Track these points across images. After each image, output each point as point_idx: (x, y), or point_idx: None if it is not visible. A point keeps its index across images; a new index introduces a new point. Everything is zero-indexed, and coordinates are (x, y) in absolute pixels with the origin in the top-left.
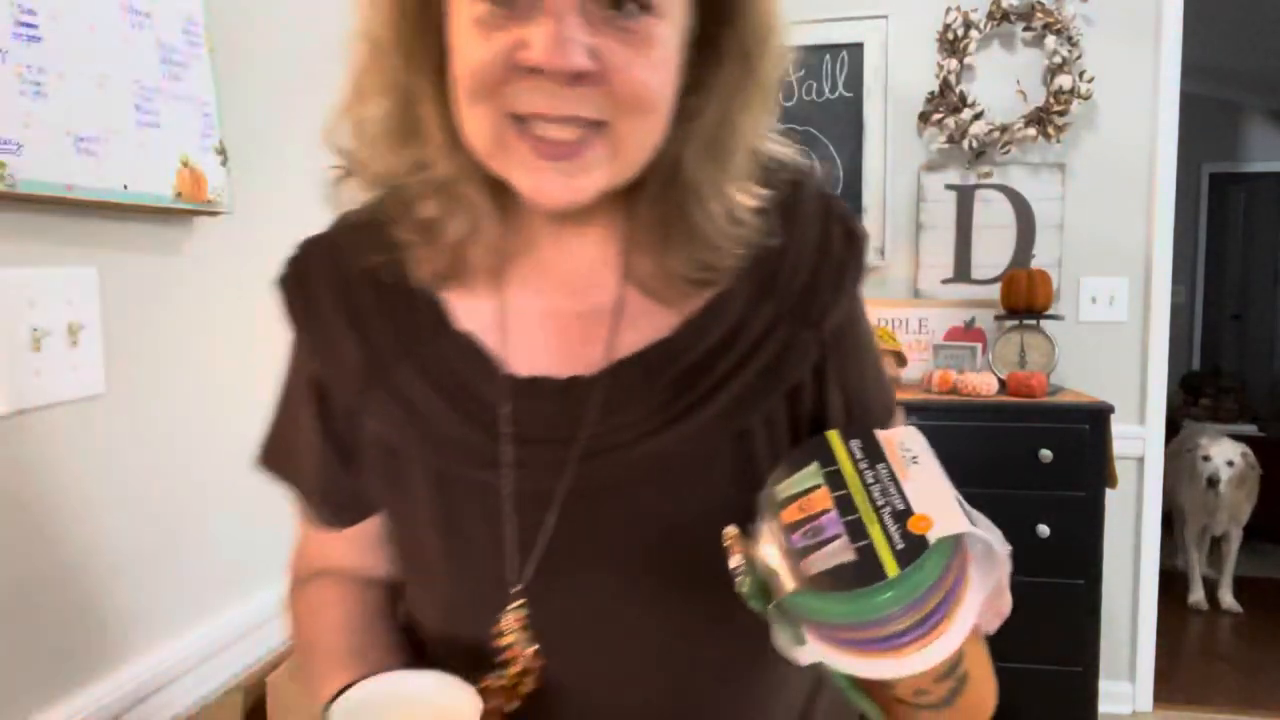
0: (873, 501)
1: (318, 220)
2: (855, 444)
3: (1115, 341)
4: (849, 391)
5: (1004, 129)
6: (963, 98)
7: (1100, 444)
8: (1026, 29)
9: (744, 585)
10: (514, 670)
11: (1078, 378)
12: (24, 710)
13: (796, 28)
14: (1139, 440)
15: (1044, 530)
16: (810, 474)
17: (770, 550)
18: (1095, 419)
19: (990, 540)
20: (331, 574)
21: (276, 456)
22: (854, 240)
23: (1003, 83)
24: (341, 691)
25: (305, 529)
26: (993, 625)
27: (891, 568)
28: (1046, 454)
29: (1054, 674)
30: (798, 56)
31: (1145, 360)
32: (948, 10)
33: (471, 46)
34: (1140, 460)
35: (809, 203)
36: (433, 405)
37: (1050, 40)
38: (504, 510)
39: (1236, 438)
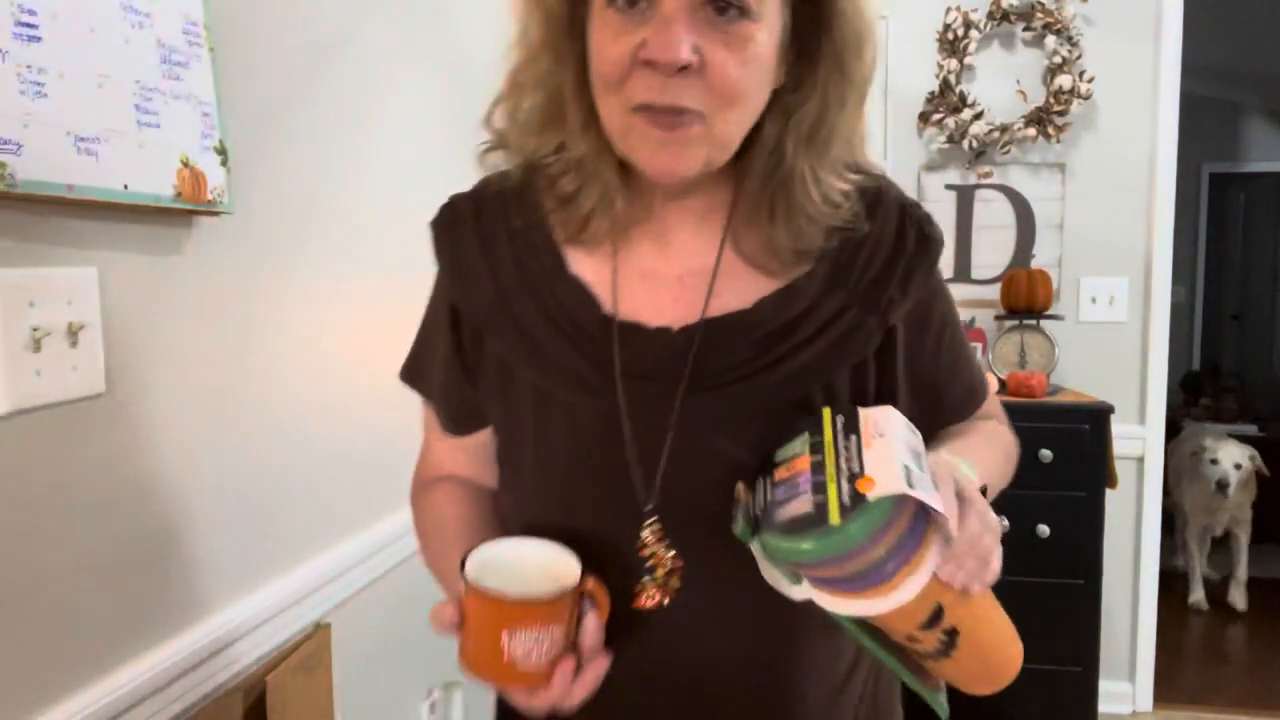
0: (838, 466)
1: (318, 220)
2: (839, 419)
3: (1115, 341)
4: (918, 376)
5: (1004, 129)
6: (963, 98)
7: (1100, 444)
8: (1026, 29)
9: (737, 526)
10: (662, 571)
11: (1078, 378)
12: (20, 713)
13: None
14: (1139, 440)
15: (1044, 530)
16: (801, 441)
17: (759, 500)
18: (1095, 419)
19: (930, 503)
20: (452, 479)
21: (414, 372)
22: (927, 243)
23: (1003, 83)
24: (470, 552)
25: (430, 441)
26: (974, 586)
27: (834, 517)
28: (1046, 454)
29: (1054, 674)
30: None
31: (1145, 360)
32: (948, 10)
33: (606, 47)
34: (1140, 460)
35: (889, 205)
36: (546, 335)
37: (1050, 40)
38: (625, 437)
39: (1236, 438)
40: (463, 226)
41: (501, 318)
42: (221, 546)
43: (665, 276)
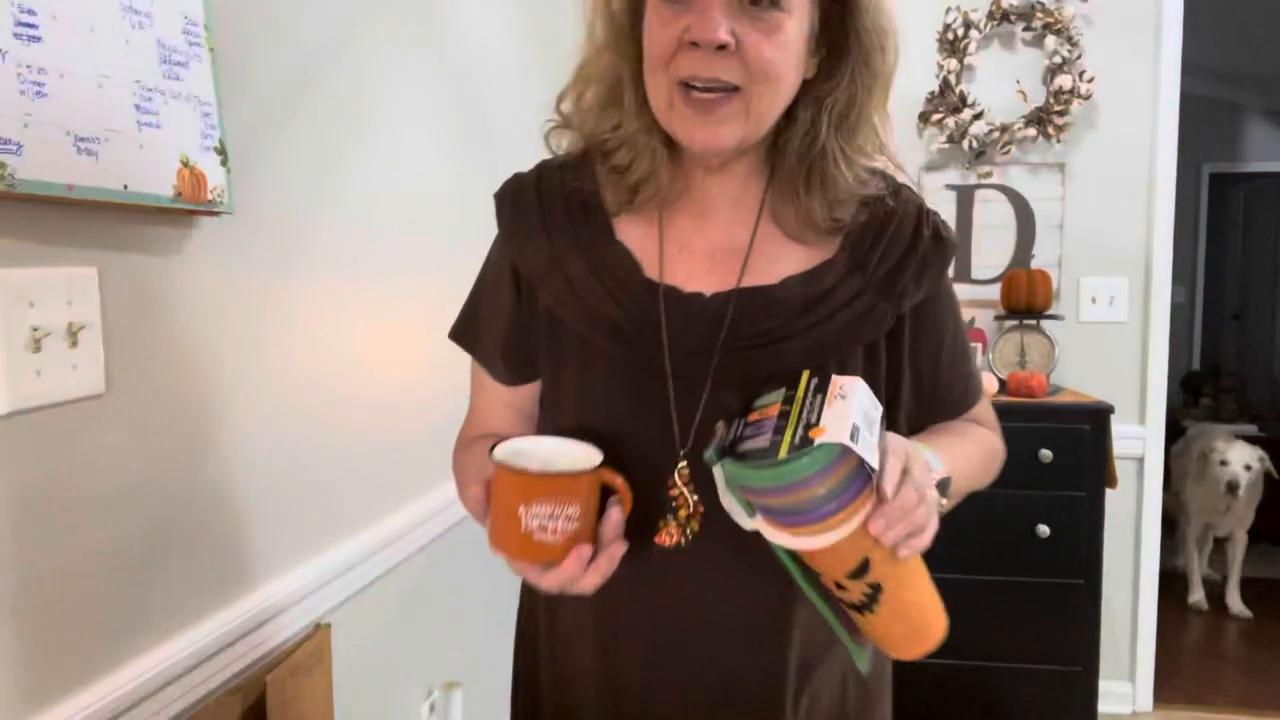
0: (799, 416)
1: (318, 220)
2: (814, 381)
3: (1115, 341)
4: (920, 368)
5: (1004, 129)
6: (963, 98)
7: (1100, 444)
8: (1026, 29)
9: (707, 453)
10: (684, 513)
11: (1078, 378)
12: (20, 712)
13: None
14: (1139, 440)
15: (1044, 530)
16: (777, 395)
17: (731, 436)
18: (1095, 419)
19: (868, 460)
20: (494, 435)
21: (465, 332)
22: (943, 243)
23: (1003, 83)
24: (500, 444)
25: (477, 401)
26: (902, 550)
27: (783, 453)
28: (1046, 454)
29: (1054, 674)
30: None
31: (1145, 360)
32: (948, 10)
33: (655, 33)
34: (1140, 460)
35: (908, 200)
36: (593, 292)
37: (1050, 40)
38: (668, 388)
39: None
40: (526, 194)
41: (554, 275)
42: (221, 546)
43: (699, 250)
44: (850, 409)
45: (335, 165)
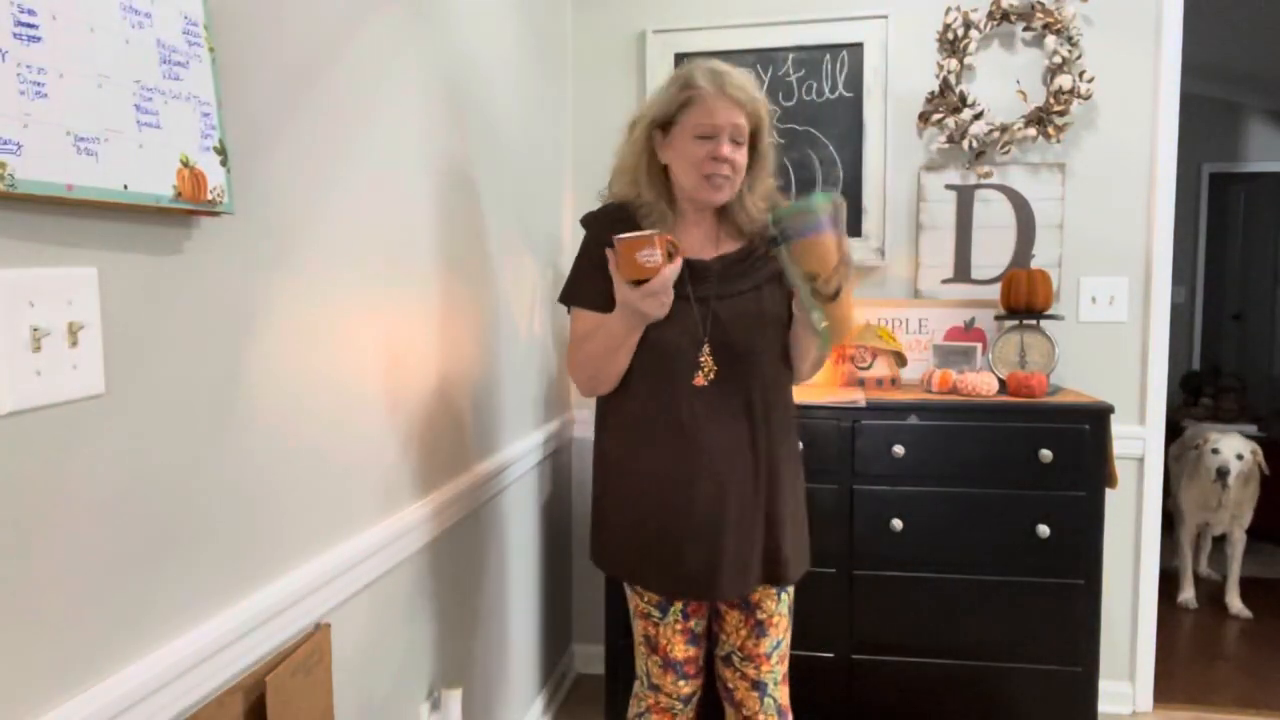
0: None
1: (318, 220)
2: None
3: (1115, 341)
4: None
5: (1004, 129)
6: (963, 98)
7: (1100, 444)
8: (1026, 29)
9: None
10: (707, 367)
11: (1078, 378)
12: (20, 713)
13: (796, 28)
14: (1139, 440)
15: (1044, 530)
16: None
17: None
18: (1095, 419)
19: (840, 215)
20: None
21: (571, 295)
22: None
23: (1003, 83)
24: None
25: (579, 336)
26: (846, 263)
27: (808, 201)
28: (1046, 454)
29: (1054, 674)
30: (798, 57)
31: (1145, 360)
32: (948, 10)
33: (693, 153)
34: (1140, 460)
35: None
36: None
37: (1050, 40)
38: (694, 310)
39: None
40: (605, 216)
41: None
42: (221, 546)
43: (694, 243)
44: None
45: (334, 165)
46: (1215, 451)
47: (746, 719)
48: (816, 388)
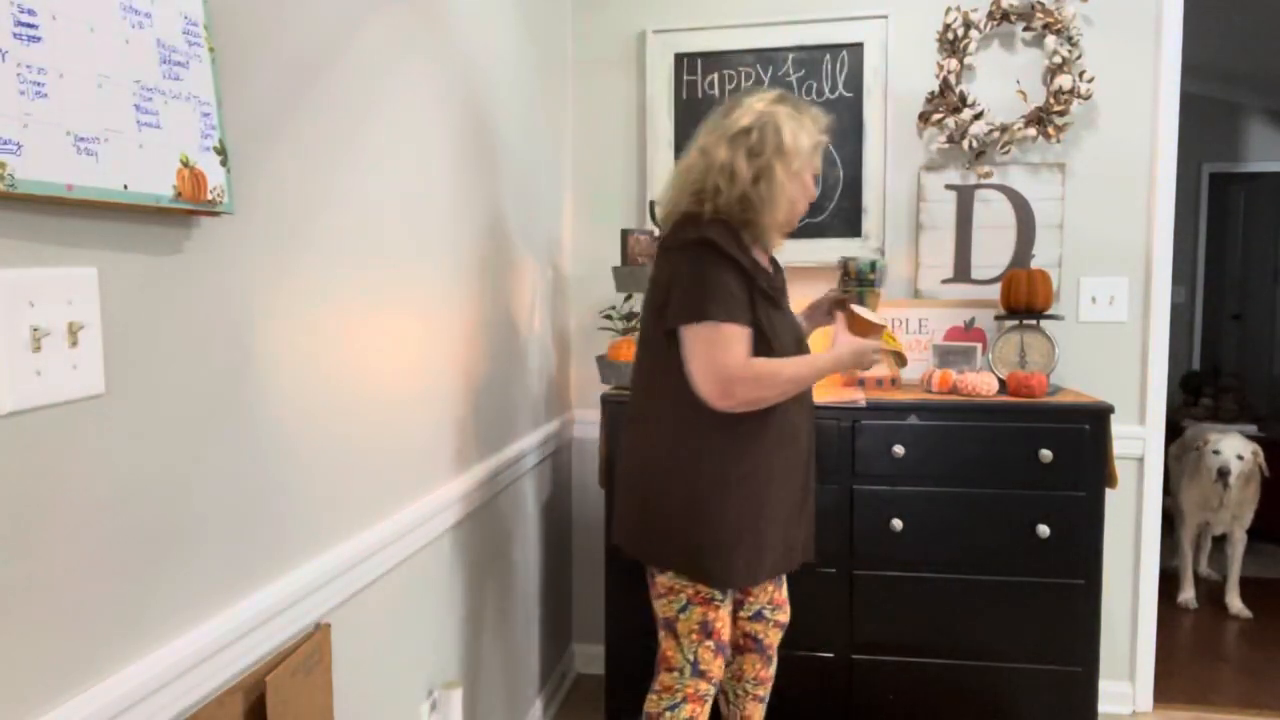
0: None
1: (318, 220)
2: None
3: (1115, 341)
4: None
5: (1004, 129)
6: (963, 98)
7: (1100, 444)
8: (1026, 29)
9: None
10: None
11: (1078, 378)
12: (20, 713)
13: (796, 28)
14: (1139, 440)
15: (1044, 530)
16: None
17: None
18: (1095, 419)
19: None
20: (762, 357)
21: (731, 313)
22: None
23: (1003, 83)
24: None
25: (733, 344)
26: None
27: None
28: (1046, 454)
29: (1054, 674)
30: (798, 57)
31: (1145, 360)
32: (948, 10)
33: (810, 188)
34: (1140, 460)
35: None
36: (763, 274)
37: (1050, 40)
38: (787, 310)
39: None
40: (726, 232)
41: (757, 270)
42: (221, 546)
43: (765, 263)
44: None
45: (335, 165)
46: (1216, 452)
47: (769, 658)
48: (817, 388)
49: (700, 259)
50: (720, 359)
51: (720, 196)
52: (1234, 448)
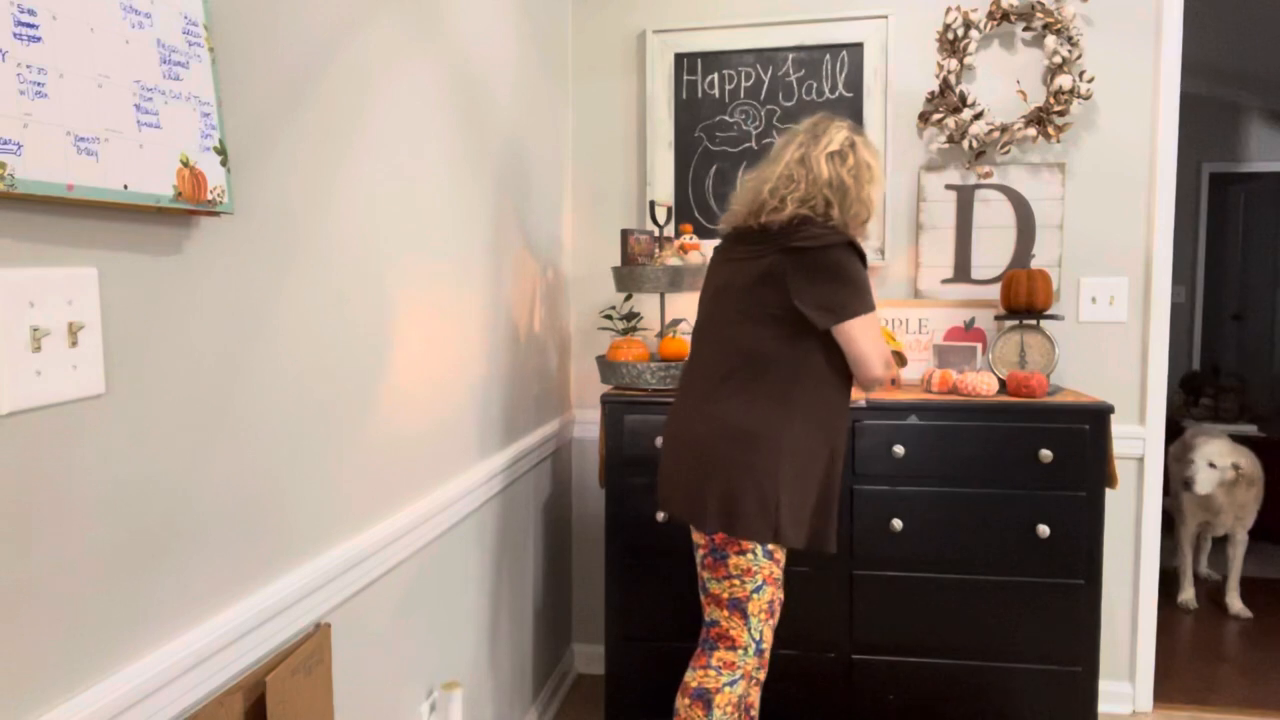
0: None
1: (318, 220)
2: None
3: (1115, 341)
4: None
5: (1004, 129)
6: (963, 98)
7: (1100, 444)
8: (1026, 29)
9: None
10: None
11: (1078, 378)
12: (20, 713)
13: (797, 28)
14: (1139, 440)
15: (1044, 530)
16: None
17: None
18: (1095, 419)
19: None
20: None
21: (872, 302)
22: None
23: (1003, 83)
24: None
25: (877, 338)
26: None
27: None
28: (1046, 454)
29: (1054, 674)
30: (798, 57)
31: (1145, 360)
32: (948, 10)
33: (879, 196)
34: (1140, 460)
35: None
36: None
37: (1050, 40)
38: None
39: (1237, 438)
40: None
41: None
42: (221, 546)
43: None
44: None
45: (335, 165)
46: (1190, 461)
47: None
48: None
49: (852, 259)
50: (881, 344)
51: (832, 208)
52: (1206, 456)
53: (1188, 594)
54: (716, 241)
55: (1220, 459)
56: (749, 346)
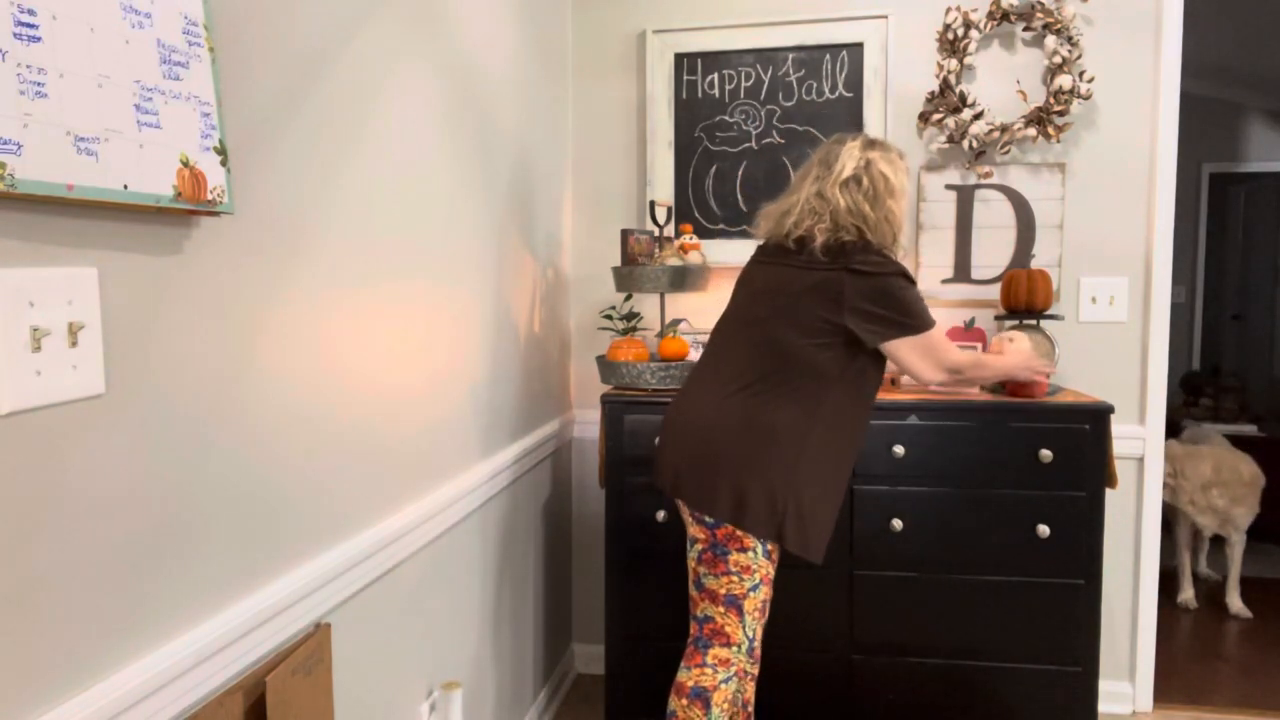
0: None
1: (318, 220)
2: None
3: (1115, 341)
4: None
5: (1004, 129)
6: (963, 98)
7: (1100, 444)
8: (1026, 29)
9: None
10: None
11: (1078, 378)
12: (20, 713)
13: (796, 28)
14: (1139, 440)
15: (1044, 530)
16: None
17: None
18: (1095, 419)
19: None
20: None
21: (929, 319)
22: None
23: (1003, 83)
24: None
25: (944, 343)
26: None
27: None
28: (1046, 454)
29: (1054, 674)
30: (798, 57)
31: (1145, 360)
32: (948, 10)
33: (903, 208)
34: (1140, 460)
35: None
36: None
37: (1050, 40)
38: None
39: (1236, 438)
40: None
41: None
42: (221, 546)
43: None
44: None
45: (335, 165)
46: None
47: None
48: None
49: (906, 288)
50: (945, 356)
51: (867, 233)
52: (1193, 489)
53: (1186, 594)
54: (716, 241)
55: (1204, 496)
56: (786, 350)
